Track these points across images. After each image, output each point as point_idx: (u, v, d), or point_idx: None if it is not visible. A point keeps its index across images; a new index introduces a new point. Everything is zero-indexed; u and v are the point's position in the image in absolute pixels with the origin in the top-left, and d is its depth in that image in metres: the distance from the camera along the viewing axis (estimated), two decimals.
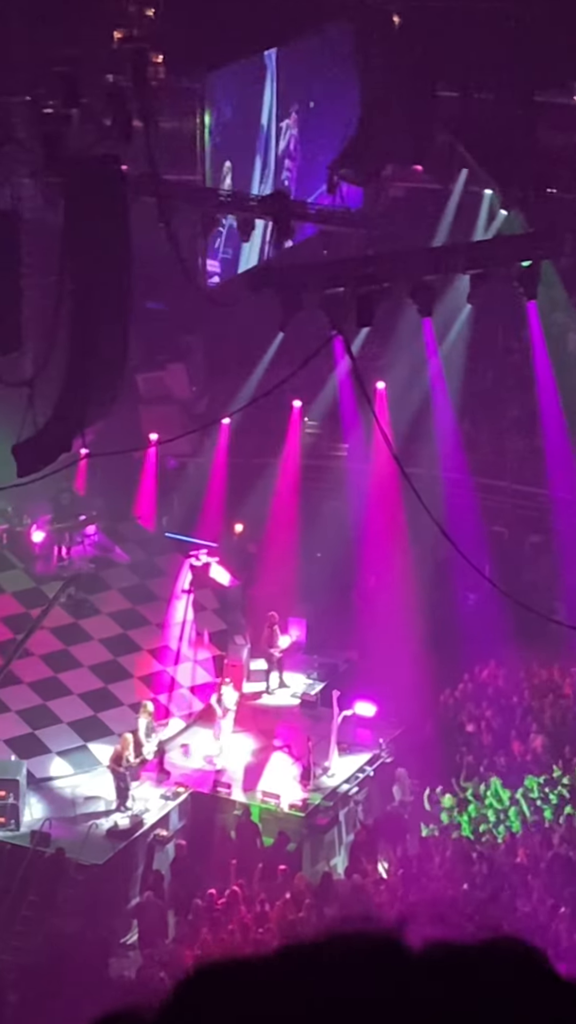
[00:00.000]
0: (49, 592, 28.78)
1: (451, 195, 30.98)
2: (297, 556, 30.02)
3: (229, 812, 23.97)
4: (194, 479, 32.05)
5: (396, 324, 29.20)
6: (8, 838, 22.86)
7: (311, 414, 32.18)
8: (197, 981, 1.65)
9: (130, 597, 29.05)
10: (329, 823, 23.95)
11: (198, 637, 27.76)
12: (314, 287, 21.29)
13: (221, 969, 1.66)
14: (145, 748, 24.15)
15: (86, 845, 22.63)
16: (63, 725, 25.45)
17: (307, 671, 27.23)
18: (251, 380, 30.71)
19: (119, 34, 25.45)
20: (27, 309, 23.35)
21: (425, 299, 22.09)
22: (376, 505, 30.29)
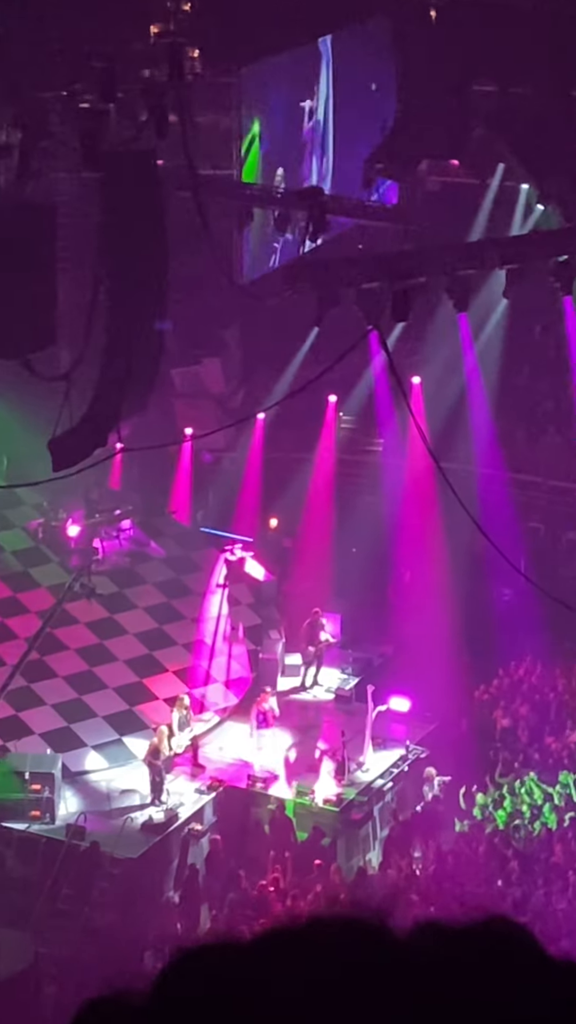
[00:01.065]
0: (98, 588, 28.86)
1: (488, 189, 30.90)
2: (332, 551, 30.00)
3: (263, 807, 23.98)
4: (229, 474, 32.06)
5: (432, 319, 29.15)
6: (43, 832, 22.92)
7: (346, 409, 32.15)
8: (183, 964, 1.64)
9: (165, 591, 29.10)
10: (363, 818, 23.94)
11: (233, 632, 27.77)
12: (350, 282, 21.25)
13: (207, 952, 1.65)
14: (178, 740, 24.18)
15: (121, 839, 22.68)
16: (98, 719, 25.51)
17: (342, 666, 27.22)
18: (286, 375, 30.71)
19: (155, 28, 25.45)
20: (63, 304, 23.38)
21: (461, 294, 22.01)
22: (411, 500, 30.24)
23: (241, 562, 28.31)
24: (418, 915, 1.70)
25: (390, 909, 1.66)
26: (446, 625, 27.47)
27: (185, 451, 31.25)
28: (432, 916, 1.68)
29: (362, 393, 31.74)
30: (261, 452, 31.52)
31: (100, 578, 29.17)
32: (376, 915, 1.65)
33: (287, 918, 1.65)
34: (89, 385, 22.44)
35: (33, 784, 23.01)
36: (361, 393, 31.75)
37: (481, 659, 27.40)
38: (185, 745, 24.35)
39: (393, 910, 1.67)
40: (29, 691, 25.92)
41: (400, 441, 30.87)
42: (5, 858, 22.93)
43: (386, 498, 30.80)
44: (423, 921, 1.65)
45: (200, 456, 31.93)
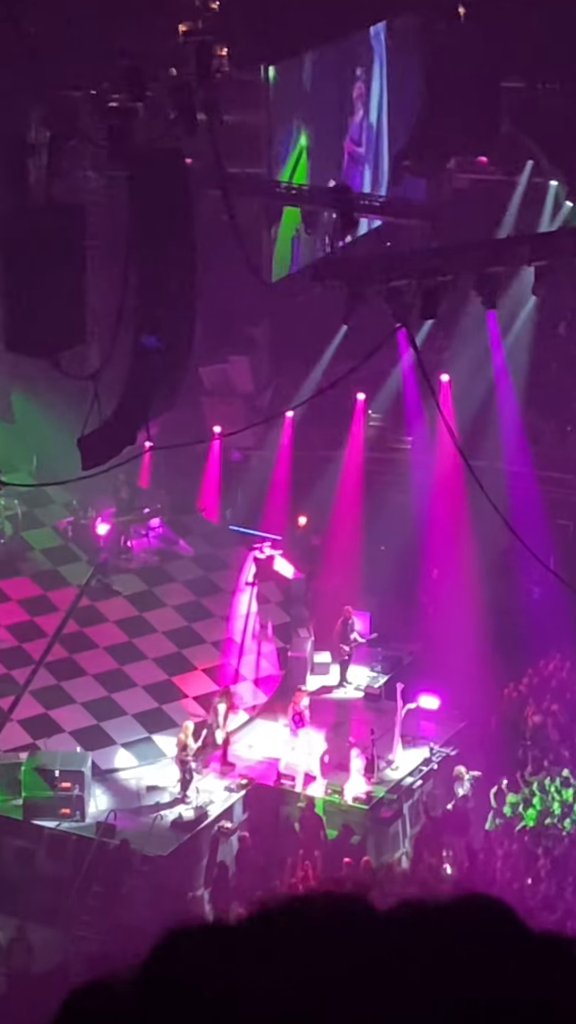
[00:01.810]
0: (115, 584, 28.95)
1: (516, 186, 30.83)
2: (361, 549, 29.98)
3: (293, 804, 24.00)
4: (258, 472, 32.06)
5: (460, 316, 29.10)
6: (74, 829, 22.99)
7: (375, 407, 32.12)
8: (169, 946, 1.66)
9: (194, 590, 29.14)
10: (393, 816, 23.93)
11: (262, 630, 27.79)
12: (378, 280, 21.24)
13: (193, 933, 1.68)
14: (219, 734, 24.21)
15: (151, 836, 22.72)
16: (128, 717, 25.56)
17: (371, 664, 27.22)
18: (315, 372, 30.70)
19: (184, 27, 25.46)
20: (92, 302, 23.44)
21: (489, 291, 21.98)
22: (440, 498, 30.20)
23: (270, 560, 28.33)
24: None
25: (368, 888, 1.69)
26: (475, 623, 27.43)
27: (214, 449, 31.28)
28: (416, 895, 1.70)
29: (391, 391, 31.70)
30: (290, 450, 31.51)
31: (129, 576, 29.27)
32: (358, 893, 1.68)
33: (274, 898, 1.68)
34: (118, 384, 22.48)
35: (63, 782, 23.08)
36: (390, 391, 31.71)
37: (510, 657, 27.35)
38: (223, 738, 24.35)
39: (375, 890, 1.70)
40: (59, 689, 26.00)
41: (429, 439, 30.83)
42: (36, 855, 23.00)
43: (415, 496, 30.76)
44: (405, 898, 1.68)
45: (229, 454, 31.95)
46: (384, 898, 2.43)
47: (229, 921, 1.70)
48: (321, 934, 1.62)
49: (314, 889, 1.72)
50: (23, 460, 31.05)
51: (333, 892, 1.68)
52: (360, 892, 1.67)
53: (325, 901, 1.66)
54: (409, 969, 1.58)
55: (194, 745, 23.78)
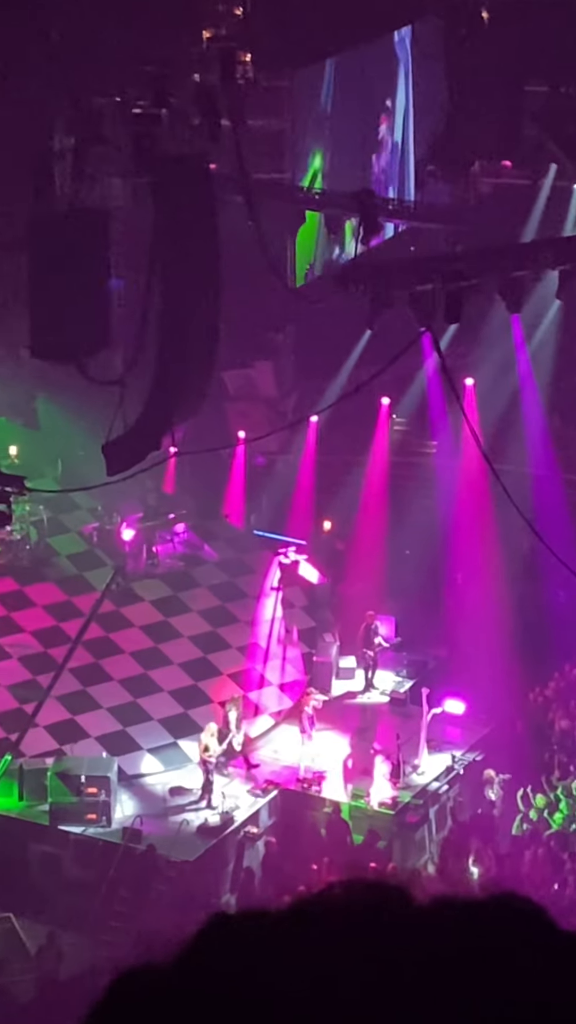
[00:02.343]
0: (139, 590, 28.99)
1: (540, 190, 30.79)
2: (386, 553, 29.95)
3: (319, 809, 23.98)
4: (282, 477, 32.07)
5: (485, 320, 29.06)
6: (100, 835, 23.01)
7: (399, 411, 32.10)
8: (211, 932, 1.69)
9: (219, 595, 29.16)
10: (419, 821, 23.90)
11: (287, 634, 27.79)
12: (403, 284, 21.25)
13: (236, 920, 1.71)
14: (235, 740, 24.21)
15: (177, 842, 22.74)
16: (154, 722, 25.58)
17: (396, 668, 27.19)
18: (339, 377, 30.69)
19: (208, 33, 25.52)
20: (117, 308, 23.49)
21: (514, 295, 21.99)
22: (465, 502, 30.16)
23: (295, 565, 28.33)
24: None
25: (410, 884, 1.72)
26: (501, 627, 27.39)
27: (238, 454, 31.29)
28: None
29: (415, 395, 31.67)
30: (315, 455, 31.50)
31: (154, 581, 29.29)
32: (398, 887, 1.71)
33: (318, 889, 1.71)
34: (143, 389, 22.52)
35: (89, 787, 23.10)
36: (414, 395, 31.68)
37: (536, 661, 27.29)
38: (241, 743, 24.37)
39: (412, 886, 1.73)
40: (85, 694, 26.03)
41: (453, 443, 30.80)
42: (62, 861, 23.03)
43: (440, 500, 30.73)
44: (441, 895, 1.71)
45: (253, 459, 31.96)
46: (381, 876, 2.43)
47: (271, 909, 1.72)
48: (360, 925, 1.64)
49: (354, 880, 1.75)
50: (48, 466, 31.14)
51: (374, 883, 1.70)
52: (400, 885, 1.69)
53: (366, 892, 1.69)
54: (443, 965, 1.60)
55: (217, 747, 23.79)
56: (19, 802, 23.55)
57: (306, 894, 1.73)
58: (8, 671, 26.53)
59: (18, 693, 26.02)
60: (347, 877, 1.73)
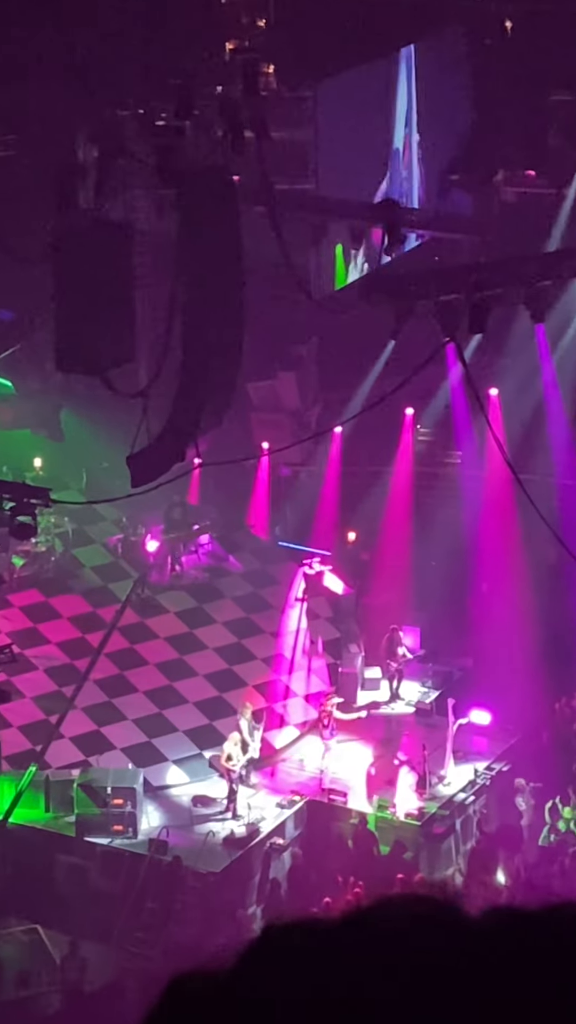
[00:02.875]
0: (164, 601, 29.02)
1: (565, 199, 30.74)
2: (411, 564, 29.92)
3: (345, 821, 23.95)
4: (307, 488, 32.07)
5: (509, 330, 29.03)
6: (126, 846, 23.02)
7: (424, 421, 32.08)
8: (267, 942, 1.68)
9: (244, 606, 29.17)
10: (445, 832, 23.85)
11: (312, 646, 27.78)
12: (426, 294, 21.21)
13: (290, 930, 1.70)
14: (251, 747, 24.18)
15: (203, 853, 22.73)
16: (179, 733, 25.59)
17: (422, 679, 27.15)
18: (363, 388, 30.69)
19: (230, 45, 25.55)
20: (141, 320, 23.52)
21: (538, 305, 21.90)
22: (490, 512, 30.12)
23: (320, 576, 28.31)
24: None
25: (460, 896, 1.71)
26: (526, 637, 27.33)
27: (263, 465, 31.31)
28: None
29: (439, 405, 31.65)
30: (339, 466, 31.51)
31: (179, 592, 29.31)
32: (450, 899, 1.70)
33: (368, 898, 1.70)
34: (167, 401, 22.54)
35: (115, 799, 23.12)
36: (438, 405, 31.66)
37: (562, 671, 27.21)
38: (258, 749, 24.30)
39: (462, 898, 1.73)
40: (110, 706, 26.06)
41: (478, 453, 30.76)
42: (88, 872, 23.05)
43: (465, 510, 30.69)
44: (494, 906, 1.70)
45: (277, 470, 31.97)
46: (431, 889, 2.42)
47: (326, 918, 1.72)
48: (415, 936, 1.64)
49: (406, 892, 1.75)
50: (73, 478, 31.22)
51: (426, 896, 1.69)
52: (451, 898, 1.69)
53: (419, 905, 1.68)
54: (501, 977, 1.59)
55: (241, 757, 23.78)
56: (45, 813, 23.58)
57: (359, 905, 1.72)
58: (34, 682, 26.57)
59: (43, 704, 26.07)
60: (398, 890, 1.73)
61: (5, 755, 24.63)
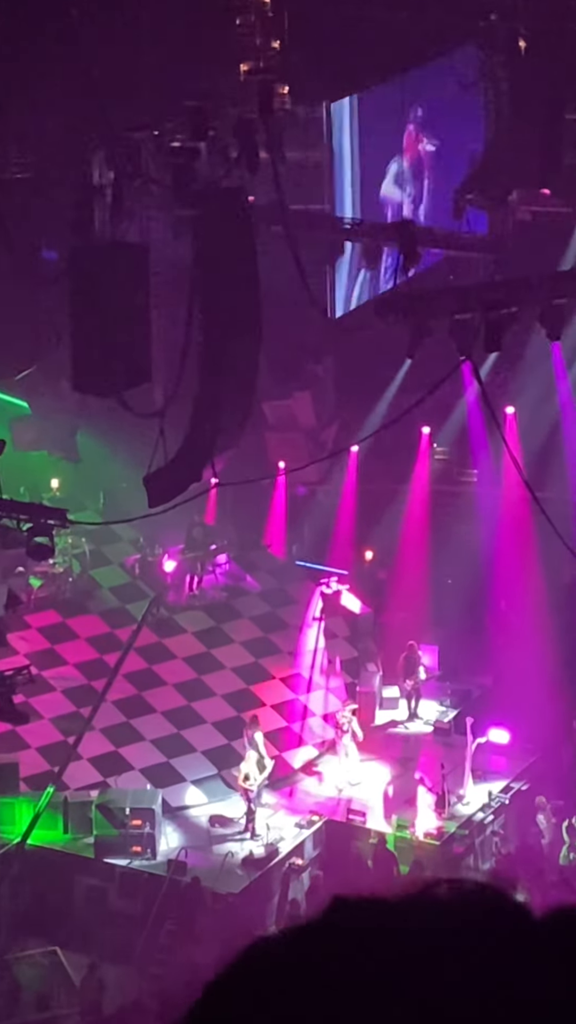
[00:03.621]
0: (181, 621, 29.02)
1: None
2: (428, 582, 29.89)
3: (364, 840, 23.89)
4: (323, 507, 32.07)
5: (525, 348, 29.02)
6: (145, 867, 23.00)
7: (440, 440, 32.07)
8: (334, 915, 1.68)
9: (261, 625, 29.16)
10: (465, 852, 23.78)
11: (330, 665, 27.76)
12: (442, 313, 21.24)
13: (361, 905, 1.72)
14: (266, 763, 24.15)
15: (222, 874, 22.70)
16: (197, 753, 25.58)
17: (440, 698, 27.11)
18: (380, 407, 30.70)
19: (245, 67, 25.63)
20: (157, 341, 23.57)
21: (554, 323, 21.93)
22: (507, 530, 30.08)
23: (337, 595, 28.30)
24: None
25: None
26: (545, 655, 27.26)
27: (279, 485, 31.32)
28: None
29: (456, 424, 31.64)
30: (355, 484, 31.50)
31: (196, 612, 29.32)
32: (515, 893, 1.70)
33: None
34: (183, 421, 22.58)
35: (134, 820, 23.10)
36: (455, 424, 31.65)
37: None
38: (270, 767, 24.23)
39: None
40: (128, 727, 26.06)
41: (495, 471, 30.72)
42: (107, 894, 23.03)
43: (481, 528, 30.65)
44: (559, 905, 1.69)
45: (294, 489, 31.98)
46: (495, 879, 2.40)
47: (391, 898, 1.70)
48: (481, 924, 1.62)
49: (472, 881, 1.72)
50: (90, 498, 31.25)
51: (492, 886, 1.68)
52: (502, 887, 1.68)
53: (485, 892, 1.66)
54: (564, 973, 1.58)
55: (258, 776, 23.75)
56: (64, 835, 23.58)
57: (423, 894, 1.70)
58: (52, 703, 26.58)
59: (62, 725, 26.07)
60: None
61: (23, 776, 24.62)
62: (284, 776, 25.04)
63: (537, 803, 24.38)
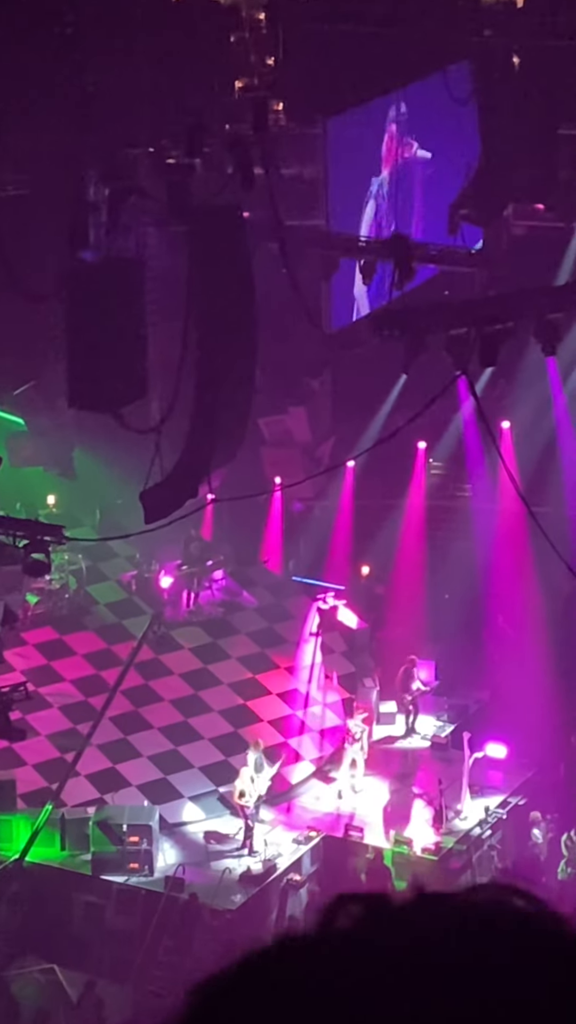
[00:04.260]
0: (178, 637, 29.00)
1: (574, 233, 30.83)
2: (425, 597, 29.90)
3: (362, 856, 23.86)
4: (320, 522, 32.09)
5: (520, 363, 29.07)
6: (142, 884, 22.95)
7: (436, 455, 32.11)
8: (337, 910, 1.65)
9: (258, 641, 29.13)
10: (463, 867, 23.75)
11: (327, 680, 27.74)
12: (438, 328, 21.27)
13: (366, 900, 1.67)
14: (258, 783, 24.13)
15: (220, 890, 22.66)
16: (194, 770, 25.54)
17: (437, 713, 27.09)
18: (375, 422, 30.73)
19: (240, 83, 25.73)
20: (153, 356, 23.59)
21: (549, 337, 21.96)
22: (503, 545, 30.10)
23: (334, 610, 28.30)
24: None
25: None
26: (542, 670, 27.26)
27: (275, 500, 31.33)
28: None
29: (451, 439, 31.69)
30: (351, 500, 31.53)
31: (193, 628, 29.29)
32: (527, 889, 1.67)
33: None
34: (180, 437, 22.58)
35: (131, 836, 23.07)
36: (451, 439, 31.70)
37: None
38: (266, 787, 24.24)
39: None
40: (125, 743, 26.02)
41: (491, 486, 30.76)
42: (105, 911, 22.98)
43: (478, 543, 30.67)
44: None
45: (291, 505, 31.99)
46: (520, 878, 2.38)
47: (394, 899, 1.68)
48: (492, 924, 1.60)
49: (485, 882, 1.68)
50: (87, 514, 31.24)
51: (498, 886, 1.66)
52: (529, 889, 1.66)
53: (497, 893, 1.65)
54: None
55: (253, 794, 23.72)
56: (61, 852, 23.53)
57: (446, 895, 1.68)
58: (49, 720, 26.55)
59: (58, 742, 26.03)
60: None
61: (20, 793, 24.58)
62: (281, 792, 25.00)
63: (532, 818, 24.35)
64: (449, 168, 29.68)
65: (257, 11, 28.22)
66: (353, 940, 1.64)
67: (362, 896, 1.71)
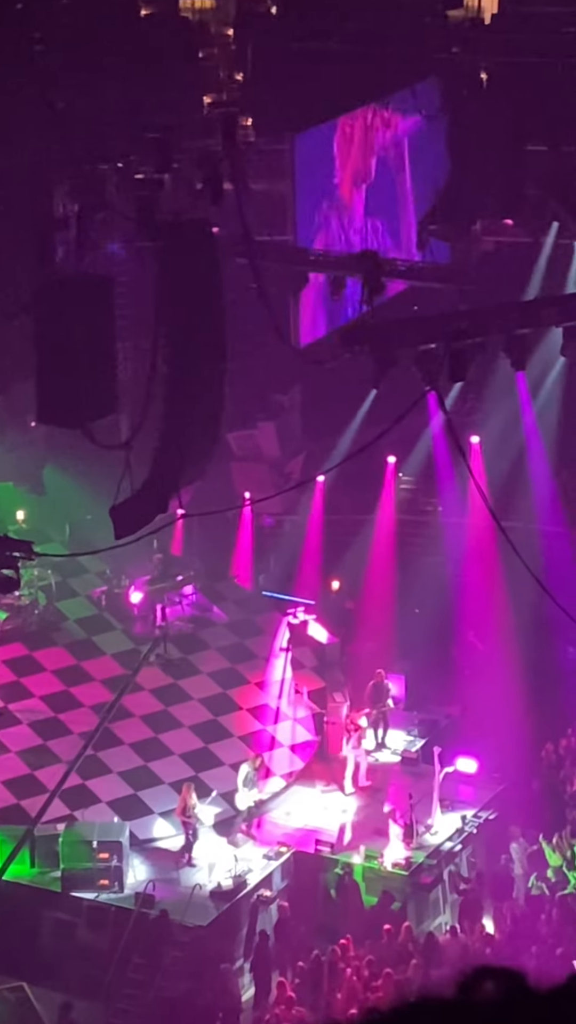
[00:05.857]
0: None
1: (542, 248, 30.95)
2: (395, 612, 29.93)
3: (332, 871, 23.83)
4: (290, 537, 32.10)
5: (489, 378, 29.16)
6: (112, 900, 22.87)
7: (406, 470, 32.16)
8: None
9: (228, 656, 29.10)
10: (433, 882, 23.73)
11: (297, 695, 27.71)
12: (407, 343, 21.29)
13: None
14: (242, 797, 24.07)
15: (190, 906, 22.58)
16: (165, 786, 25.47)
17: (407, 728, 27.09)
18: (345, 437, 30.77)
19: (209, 99, 25.77)
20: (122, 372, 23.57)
21: (518, 353, 22.01)
22: (473, 560, 30.16)
23: (304, 625, 28.28)
24: None
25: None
26: (512, 685, 27.31)
27: (245, 515, 31.33)
28: None
29: (421, 454, 31.75)
30: (321, 515, 31.56)
31: None
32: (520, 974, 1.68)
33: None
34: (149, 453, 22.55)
35: (101, 853, 22.98)
36: (420, 454, 31.76)
37: (548, 718, 27.19)
38: (251, 804, 24.24)
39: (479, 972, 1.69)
40: (95, 759, 25.94)
41: (460, 501, 30.83)
42: (76, 928, 22.88)
43: (448, 558, 30.73)
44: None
45: (260, 520, 31.99)
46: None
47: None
48: None
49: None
50: (56, 530, 31.18)
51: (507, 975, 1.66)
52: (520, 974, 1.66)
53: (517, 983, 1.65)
54: None
55: (196, 808, 23.72)
56: (31, 869, 23.44)
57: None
58: (18, 736, 26.47)
59: (28, 759, 25.95)
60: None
61: None
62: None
63: (511, 832, 24.37)
64: (418, 184, 29.79)
65: (226, 28, 28.31)
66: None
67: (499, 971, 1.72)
